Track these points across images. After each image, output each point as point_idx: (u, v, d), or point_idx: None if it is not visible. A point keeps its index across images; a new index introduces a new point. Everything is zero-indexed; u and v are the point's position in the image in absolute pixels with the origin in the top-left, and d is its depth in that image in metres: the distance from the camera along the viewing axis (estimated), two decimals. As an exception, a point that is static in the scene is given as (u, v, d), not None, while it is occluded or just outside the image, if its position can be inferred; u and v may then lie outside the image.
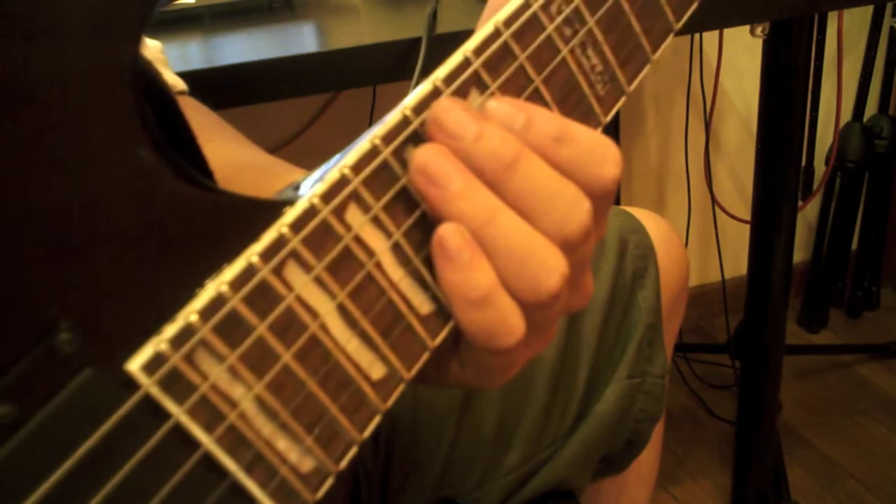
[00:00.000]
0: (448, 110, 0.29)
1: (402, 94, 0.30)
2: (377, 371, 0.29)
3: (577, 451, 0.66)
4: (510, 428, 0.64)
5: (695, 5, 0.38)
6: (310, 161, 0.36)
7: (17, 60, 0.23)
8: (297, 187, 0.30)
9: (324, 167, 0.30)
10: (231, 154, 0.49)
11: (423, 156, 0.29)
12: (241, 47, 0.86)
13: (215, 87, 0.73)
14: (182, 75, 0.61)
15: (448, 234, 0.29)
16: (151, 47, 0.60)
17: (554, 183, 0.30)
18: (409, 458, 0.62)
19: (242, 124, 0.58)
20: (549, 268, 0.30)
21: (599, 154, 0.31)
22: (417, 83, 0.30)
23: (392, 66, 0.77)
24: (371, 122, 1.24)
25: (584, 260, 0.33)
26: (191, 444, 0.25)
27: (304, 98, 1.23)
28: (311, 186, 0.28)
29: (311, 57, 0.77)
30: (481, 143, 0.29)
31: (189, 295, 0.25)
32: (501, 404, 0.63)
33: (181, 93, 0.60)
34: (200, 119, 0.54)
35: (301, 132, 1.33)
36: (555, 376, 0.65)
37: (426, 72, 0.30)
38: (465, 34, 0.31)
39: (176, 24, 0.89)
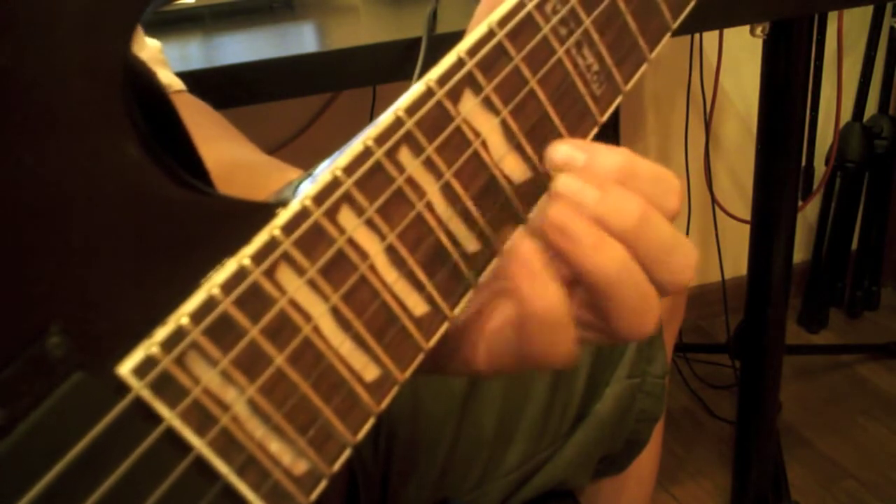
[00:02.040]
0: (567, 185, 0.31)
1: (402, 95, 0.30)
2: (370, 373, 0.29)
3: (576, 450, 0.66)
4: (510, 428, 0.64)
5: (692, 4, 0.38)
6: (310, 161, 0.35)
7: (6, 60, 0.23)
8: (297, 187, 0.30)
9: (324, 164, 0.30)
10: (226, 154, 0.49)
11: (558, 215, 0.30)
12: (241, 47, 0.86)
13: (215, 87, 0.73)
14: (182, 75, 0.61)
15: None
16: (151, 47, 0.59)
17: (671, 235, 0.32)
18: (409, 459, 0.62)
19: (242, 124, 0.58)
20: (651, 315, 0.32)
21: (665, 186, 0.33)
22: (416, 83, 0.30)
23: (392, 66, 0.77)
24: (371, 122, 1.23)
25: None
26: (183, 447, 0.25)
27: (304, 98, 1.22)
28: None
29: (311, 57, 0.77)
30: (608, 203, 0.31)
31: (180, 298, 0.25)
32: (501, 404, 0.63)
33: (179, 92, 0.60)
34: (197, 118, 0.54)
35: (301, 132, 1.33)
36: (555, 376, 0.64)
37: (426, 72, 0.30)
38: (465, 34, 0.31)
39: (176, 24, 0.89)
